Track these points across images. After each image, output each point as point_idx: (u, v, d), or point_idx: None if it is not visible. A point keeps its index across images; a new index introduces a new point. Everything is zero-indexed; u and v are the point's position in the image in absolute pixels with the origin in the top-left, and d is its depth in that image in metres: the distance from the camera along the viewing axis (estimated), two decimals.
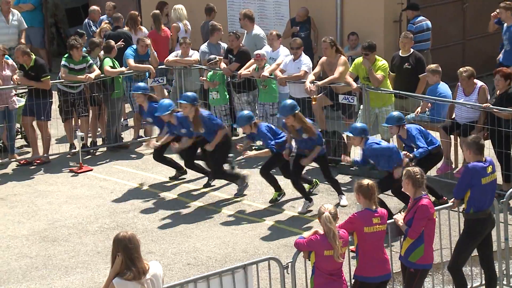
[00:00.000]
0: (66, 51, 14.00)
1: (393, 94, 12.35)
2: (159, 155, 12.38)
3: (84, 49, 14.04)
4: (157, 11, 15.72)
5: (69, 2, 19.52)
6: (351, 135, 10.38)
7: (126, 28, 15.46)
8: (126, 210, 11.32)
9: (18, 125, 13.82)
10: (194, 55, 14.26)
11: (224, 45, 14.32)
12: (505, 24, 13.71)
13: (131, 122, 14.77)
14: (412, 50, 12.65)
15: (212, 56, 13.94)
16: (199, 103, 11.95)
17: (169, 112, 11.79)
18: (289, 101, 11.29)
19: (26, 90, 13.40)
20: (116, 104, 13.82)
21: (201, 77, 13.98)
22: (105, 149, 13.82)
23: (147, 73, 14.19)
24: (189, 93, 12.02)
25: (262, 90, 13.50)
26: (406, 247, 7.89)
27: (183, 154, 12.26)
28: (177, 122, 11.89)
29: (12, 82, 13.09)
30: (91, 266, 9.82)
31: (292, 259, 7.84)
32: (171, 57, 14.37)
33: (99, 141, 14.04)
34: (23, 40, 16.24)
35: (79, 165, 13.01)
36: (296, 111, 11.03)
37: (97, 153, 13.77)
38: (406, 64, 12.51)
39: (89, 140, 13.88)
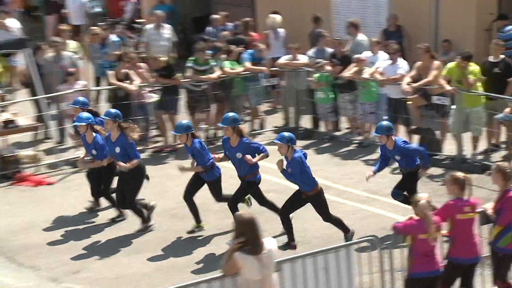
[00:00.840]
0: (192, 54, 14.30)
1: (483, 96, 12.11)
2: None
3: (208, 52, 14.30)
4: (249, 19, 15.85)
5: (195, 12, 19.87)
6: (278, 142, 9.29)
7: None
8: None
9: (152, 118, 14.20)
10: (303, 59, 14.34)
11: (329, 50, 14.35)
12: None
13: (248, 116, 14.96)
14: (502, 56, 12.36)
15: (319, 60, 13.99)
16: (121, 120, 10.29)
17: (85, 124, 10.39)
18: (231, 114, 9.96)
19: (160, 88, 13.76)
20: (235, 100, 14.05)
21: (310, 78, 14.04)
22: None
23: (260, 74, 14.35)
24: (112, 110, 10.53)
25: (362, 90, 13.45)
26: (496, 234, 7.75)
27: (92, 180, 10.82)
28: (91, 141, 10.45)
29: (146, 81, 13.49)
30: (213, 241, 10.02)
31: (390, 240, 7.81)
32: (283, 60, 14.50)
33: (220, 133, 14.28)
34: (173, 54, 15.81)
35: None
36: (237, 125, 9.69)
37: (218, 143, 14.01)
38: (496, 68, 12.24)
39: (212, 132, 14.15)
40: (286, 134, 9.42)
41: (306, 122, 14.50)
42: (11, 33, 15.32)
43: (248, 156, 9.68)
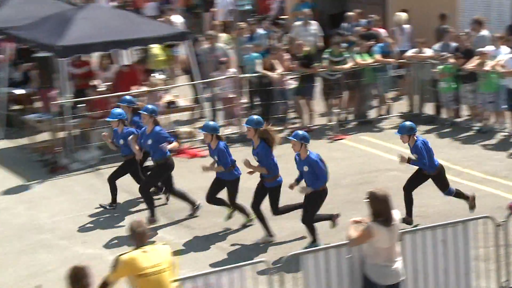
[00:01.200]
0: (328, 47, 14.20)
1: None
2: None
3: (343, 45, 14.19)
4: (374, 16, 15.50)
5: (332, 9, 19.77)
6: (293, 139, 8.62)
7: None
8: (371, 170, 11.29)
9: (291, 102, 14.28)
10: (428, 52, 13.95)
11: (454, 44, 13.88)
12: None
13: (376, 103, 14.76)
14: None
15: (443, 53, 13.58)
16: (157, 115, 9.91)
17: (116, 120, 10.11)
18: (255, 117, 9.20)
19: (299, 76, 13.81)
20: (365, 88, 13.89)
21: (435, 69, 13.63)
22: (355, 123, 13.95)
23: (388, 65, 14.09)
24: (149, 106, 10.03)
25: (483, 81, 12.94)
26: None
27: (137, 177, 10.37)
28: (120, 132, 10.14)
29: (287, 70, 13.60)
30: (343, 212, 9.71)
31: (505, 218, 7.51)
32: (410, 53, 14.17)
33: (351, 117, 14.19)
34: (319, 44, 15.69)
35: (336, 135, 13.23)
36: (260, 128, 8.94)
37: (349, 126, 13.93)
38: None
39: (344, 115, 14.07)
40: (300, 132, 8.75)
41: (429, 109, 14.15)
42: (175, 27, 15.88)
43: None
